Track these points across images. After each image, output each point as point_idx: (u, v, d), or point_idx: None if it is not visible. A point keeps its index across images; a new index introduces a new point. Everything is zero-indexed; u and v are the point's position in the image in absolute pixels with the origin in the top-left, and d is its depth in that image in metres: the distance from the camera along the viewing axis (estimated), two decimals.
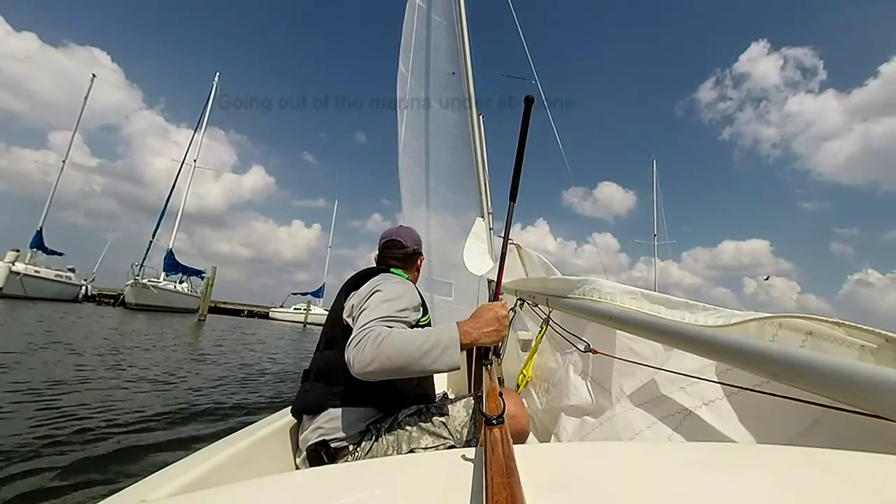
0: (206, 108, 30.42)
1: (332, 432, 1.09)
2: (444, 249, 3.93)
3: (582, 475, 0.41)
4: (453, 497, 0.39)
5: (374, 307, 1.05)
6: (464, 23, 3.95)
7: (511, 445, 0.43)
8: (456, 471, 0.45)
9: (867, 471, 0.39)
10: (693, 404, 0.88)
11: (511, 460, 0.38)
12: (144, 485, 0.72)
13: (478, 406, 0.98)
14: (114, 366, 5.78)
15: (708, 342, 0.73)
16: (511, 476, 0.35)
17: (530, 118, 1.06)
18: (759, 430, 0.75)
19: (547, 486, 0.37)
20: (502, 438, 0.45)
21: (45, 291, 23.23)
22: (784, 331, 0.73)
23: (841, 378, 0.50)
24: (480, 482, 0.39)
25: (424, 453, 1.07)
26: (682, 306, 0.93)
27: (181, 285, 29.85)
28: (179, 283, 29.88)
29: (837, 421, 0.58)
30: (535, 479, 0.37)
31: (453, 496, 0.39)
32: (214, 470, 0.85)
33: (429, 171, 4.20)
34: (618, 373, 1.26)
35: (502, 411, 0.54)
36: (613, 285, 1.15)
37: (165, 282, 28.00)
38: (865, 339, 0.61)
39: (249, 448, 1.02)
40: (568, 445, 0.80)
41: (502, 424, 0.51)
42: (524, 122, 1.06)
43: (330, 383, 1.15)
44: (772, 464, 0.42)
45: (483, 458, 0.42)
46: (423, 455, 0.98)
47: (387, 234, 1.52)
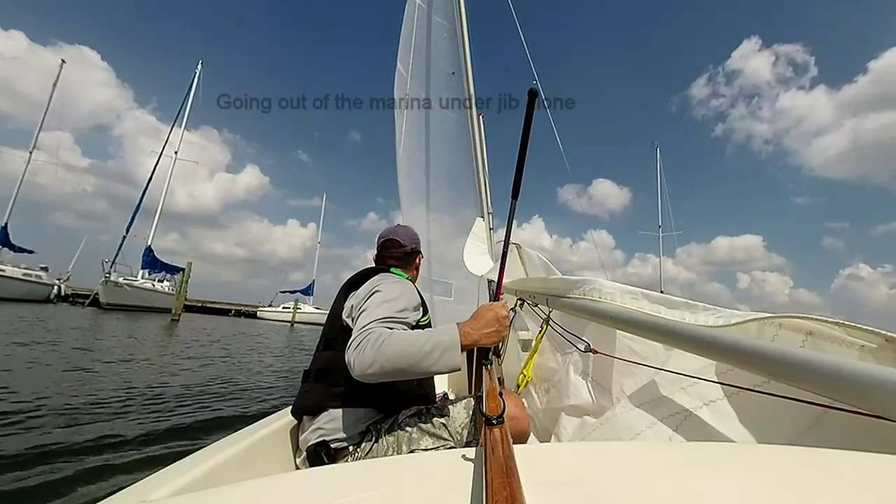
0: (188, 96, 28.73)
1: (332, 433, 1.09)
2: (443, 249, 3.93)
3: (582, 475, 0.41)
4: (453, 497, 0.39)
5: (373, 308, 1.05)
6: (464, 23, 3.96)
7: (511, 445, 0.43)
8: (456, 471, 0.45)
9: (867, 471, 0.39)
10: (693, 405, 0.88)
11: (511, 460, 0.38)
12: (144, 485, 0.72)
13: (478, 406, 0.99)
14: None
15: (708, 342, 0.73)
16: (511, 476, 0.35)
17: (534, 112, 1.02)
18: (760, 430, 0.75)
19: (547, 486, 0.37)
20: (502, 438, 0.45)
21: (12, 291, 22.13)
22: (784, 331, 0.73)
23: (841, 378, 0.50)
24: (480, 482, 0.39)
25: (424, 453, 1.07)
26: (682, 306, 0.93)
27: (163, 283, 28.51)
28: (160, 281, 28.53)
29: (837, 421, 0.58)
30: (535, 479, 0.37)
31: (453, 496, 0.39)
32: (214, 470, 0.85)
33: (428, 171, 4.20)
34: (618, 373, 1.26)
35: (502, 411, 0.54)
36: (614, 285, 1.15)
37: (143, 280, 26.69)
38: (865, 339, 0.62)
39: (249, 448, 1.02)
40: (568, 445, 0.80)
41: (502, 424, 0.51)
42: (528, 116, 1.03)
43: (330, 384, 1.15)
44: (772, 464, 0.42)
45: (483, 458, 0.42)
46: (423, 455, 0.98)
47: (385, 234, 1.52)
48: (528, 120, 1.03)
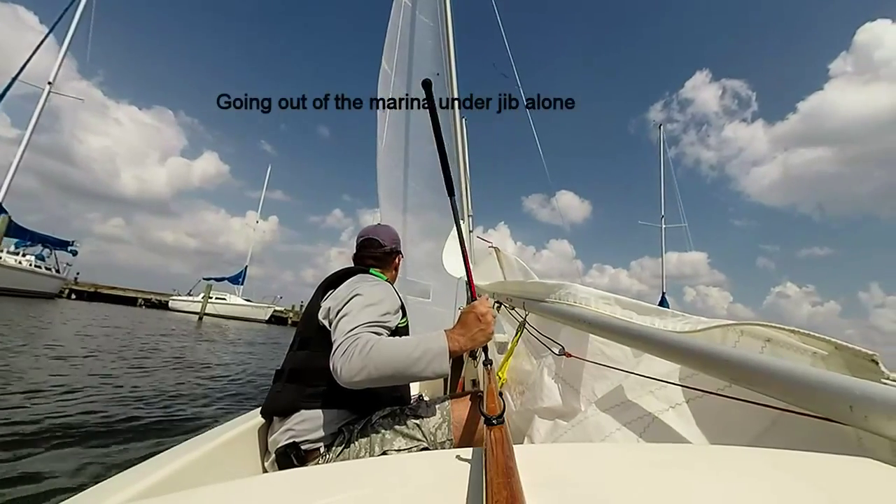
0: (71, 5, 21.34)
1: (303, 434, 1.07)
2: (421, 250, 3.92)
3: (583, 476, 0.42)
4: (450, 497, 0.39)
5: (356, 312, 1.04)
6: (449, 24, 3.97)
7: (511, 445, 0.43)
8: (451, 471, 0.44)
9: (817, 470, 0.42)
10: (660, 407, 0.91)
11: (511, 460, 0.39)
12: (98, 491, 0.68)
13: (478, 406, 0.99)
14: None
15: (675, 347, 0.76)
16: (511, 476, 0.35)
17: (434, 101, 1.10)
18: (721, 432, 0.78)
19: (547, 487, 0.38)
20: (502, 438, 0.45)
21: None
22: (745, 337, 0.77)
23: (795, 382, 0.53)
24: (478, 482, 0.39)
25: (417, 453, 1.06)
26: (652, 312, 0.96)
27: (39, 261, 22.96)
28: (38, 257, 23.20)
29: (791, 423, 0.62)
30: (535, 479, 0.38)
31: (449, 496, 0.39)
32: (177, 474, 0.81)
33: (408, 171, 4.18)
34: (590, 376, 1.29)
35: (502, 411, 0.55)
36: (588, 290, 1.17)
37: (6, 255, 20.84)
38: (817, 347, 0.65)
39: (214, 451, 0.98)
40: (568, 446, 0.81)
41: (502, 424, 0.51)
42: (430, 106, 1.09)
43: (303, 384, 1.12)
44: (735, 464, 0.44)
45: (483, 458, 0.42)
46: (416, 455, 0.98)
47: (364, 233, 1.51)
48: (431, 111, 1.09)
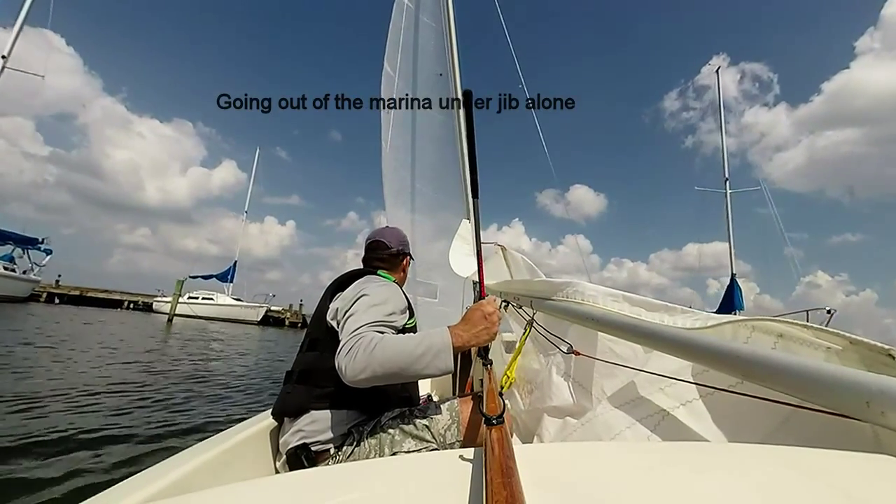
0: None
1: (313, 435, 1.08)
2: (427, 250, 3.92)
3: (583, 475, 0.42)
4: (453, 497, 0.39)
5: (362, 312, 1.04)
6: (451, 25, 3.97)
7: (511, 445, 0.44)
8: (455, 471, 0.44)
9: (832, 468, 0.41)
10: (671, 405, 0.90)
11: (511, 460, 0.39)
12: (114, 492, 0.69)
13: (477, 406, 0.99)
14: None
15: (685, 344, 0.75)
16: (511, 476, 0.35)
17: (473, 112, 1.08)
18: (733, 429, 0.77)
19: (547, 486, 0.38)
20: (502, 438, 0.45)
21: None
22: (757, 333, 0.76)
23: (808, 378, 0.53)
24: (480, 482, 0.40)
25: (414, 454, 1.06)
26: (661, 309, 0.95)
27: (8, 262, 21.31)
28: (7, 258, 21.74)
29: (805, 420, 0.61)
30: (535, 479, 0.38)
31: (452, 496, 0.39)
32: (190, 475, 0.83)
33: (414, 172, 4.19)
34: (599, 374, 1.28)
35: (502, 411, 0.55)
36: (596, 288, 1.17)
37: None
38: (831, 342, 0.64)
39: (227, 452, 0.99)
40: (568, 445, 0.81)
41: (502, 424, 0.51)
42: (468, 115, 1.08)
43: (312, 385, 1.13)
44: (747, 463, 0.44)
45: (483, 458, 0.42)
46: (421, 455, 0.98)
47: (372, 236, 1.51)
48: (468, 119, 1.07)
